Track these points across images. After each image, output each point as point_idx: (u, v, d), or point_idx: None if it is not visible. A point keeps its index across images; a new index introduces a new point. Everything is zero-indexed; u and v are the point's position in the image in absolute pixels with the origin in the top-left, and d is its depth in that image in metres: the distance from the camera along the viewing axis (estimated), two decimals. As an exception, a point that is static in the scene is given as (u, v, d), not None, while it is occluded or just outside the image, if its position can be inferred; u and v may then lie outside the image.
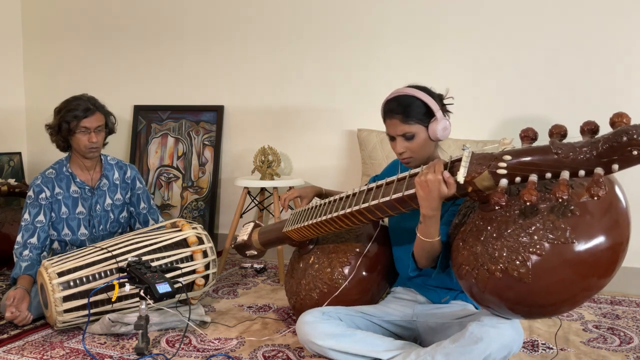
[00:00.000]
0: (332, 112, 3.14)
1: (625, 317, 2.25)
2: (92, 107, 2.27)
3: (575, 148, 1.15)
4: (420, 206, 1.47)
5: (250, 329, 2.09)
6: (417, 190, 1.45)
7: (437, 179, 1.40)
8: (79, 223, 2.35)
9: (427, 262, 1.60)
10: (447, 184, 1.40)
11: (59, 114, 2.27)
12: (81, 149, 2.27)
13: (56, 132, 2.28)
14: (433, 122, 1.67)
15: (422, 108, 1.67)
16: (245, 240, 2.18)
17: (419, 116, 1.67)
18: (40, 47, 3.84)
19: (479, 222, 1.40)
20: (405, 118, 1.67)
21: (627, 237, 1.24)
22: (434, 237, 1.53)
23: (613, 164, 1.10)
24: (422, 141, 1.69)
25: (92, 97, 2.32)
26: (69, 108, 2.24)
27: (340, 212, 1.69)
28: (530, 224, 1.27)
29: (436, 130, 1.67)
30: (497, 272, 1.30)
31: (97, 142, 2.28)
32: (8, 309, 2.02)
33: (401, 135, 1.69)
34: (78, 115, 2.22)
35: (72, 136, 2.26)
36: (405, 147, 1.69)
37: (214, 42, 3.38)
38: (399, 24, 2.96)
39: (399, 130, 1.69)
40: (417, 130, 1.68)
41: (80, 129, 2.24)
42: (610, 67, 2.63)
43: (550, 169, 1.18)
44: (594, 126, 1.16)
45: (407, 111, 1.67)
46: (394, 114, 1.69)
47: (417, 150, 1.69)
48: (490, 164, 1.28)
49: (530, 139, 1.28)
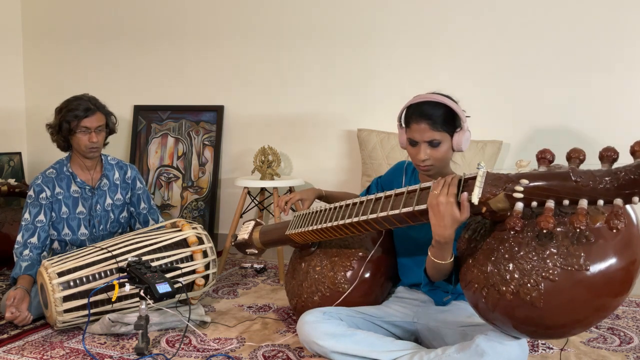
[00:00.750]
0: (332, 112, 3.14)
1: (625, 317, 2.25)
2: (93, 107, 2.27)
3: (595, 177, 1.12)
4: (433, 232, 1.42)
5: (250, 329, 2.09)
6: (430, 214, 1.40)
7: (449, 202, 1.35)
8: (79, 223, 2.35)
9: (440, 278, 1.59)
10: (462, 207, 1.35)
11: (59, 113, 2.27)
12: (81, 148, 2.27)
13: (57, 131, 2.28)
14: (459, 132, 1.65)
15: (450, 116, 1.65)
16: (246, 239, 2.18)
17: (447, 124, 1.64)
18: (40, 47, 3.84)
19: (490, 241, 1.37)
20: (435, 124, 1.63)
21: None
22: (447, 259, 1.49)
23: (634, 196, 1.08)
24: (446, 150, 1.66)
25: (93, 97, 2.32)
26: (69, 108, 2.24)
27: (347, 220, 1.67)
28: (545, 249, 1.25)
29: (461, 141, 1.65)
30: (508, 293, 1.28)
31: (98, 142, 2.28)
32: (8, 309, 2.01)
33: (427, 141, 1.65)
34: (79, 114, 2.22)
35: (73, 136, 2.26)
36: (429, 154, 1.66)
37: (214, 43, 3.38)
38: (399, 24, 2.96)
39: (426, 136, 1.64)
40: (443, 139, 1.65)
41: (80, 128, 2.24)
42: (610, 68, 2.63)
43: (568, 196, 1.15)
44: (615, 154, 1.13)
45: (436, 118, 1.63)
46: (424, 118, 1.64)
47: (440, 159, 1.67)
48: (506, 186, 1.25)
49: (548, 161, 1.24)
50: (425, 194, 1.46)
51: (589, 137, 2.66)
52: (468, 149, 2.67)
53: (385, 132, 2.83)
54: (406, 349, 1.58)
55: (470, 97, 2.79)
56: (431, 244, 1.49)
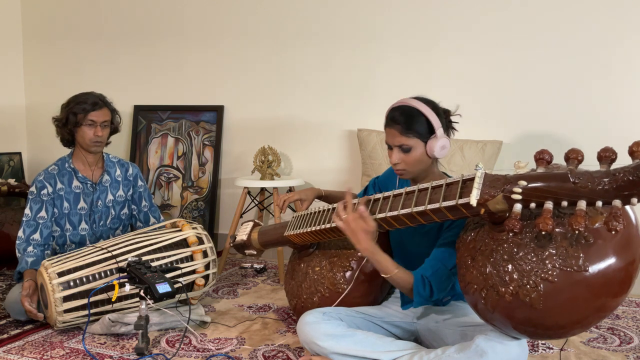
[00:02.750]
0: (332, 112, 3.14)
1: (625, 317, 2.25)
2: (101, 102, 2.31)
3: (594, 178, 1.12)
4: (358, 249, 1.60)
5: (250, 329, 2.09)
6: (346, 235, 1.59)
7: (354, 219, 1.55)
8: (80, 218, 2.36)
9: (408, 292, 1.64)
10: (364, 218, 1.54)
11: (67, 107, 2.31)
12: (86, 142, 2.29)
13: (63, 124, 2.30)
14: (432, 139, 1.64)
15: (424, 123, 1.64)
16: (244, 240, 2.17)
17: (420, 130, 1.64)
18: (40, 47, 3.84)
19: (489, 242, 1.37)
20: (405, 130, 1.64)
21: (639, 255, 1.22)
22: (391, 271, 1.60)
23: (632, 197, 1.08)
24: (419, 156, 1.66)
25: (101, 94, 2.37)
26: (77, 101, 2.29)
27: None
28: (543, 250, 1.25)
29: (434, 148, 1.64)
30: (507, 295, 1.28)
31: (102, 137, 2.31)
32: (24, 299, 2.01)
33: (398, 146, 1.66)
34: (86, 108, 2.26)
35: (79, 128, 2.29)
36: (401, 158, 1.67)
37: (214, 42, 3.39)
38: (399, 25, 2.96)
39: (396, 140, 1.66)
40: (415, 145, 1.65)
41: (87, 121, 2.27)
42: (610, 69, 2.63)
43: (566, 198, 1.15)
44: (613, 155, 1.13)
45: (408, 123, 1.64)
46: (394, 123, 1.66)
47: (412, 164, 1.67)
48: (504, 187, 1.25)
49: (546, 162, 1.24)
50: (424, 196, 1.46)
51: (587, 137, 2.66)
52: (468, 149, 2.67)
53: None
54: (406, 349, 1.58)
55: (471, 97, 2.81)
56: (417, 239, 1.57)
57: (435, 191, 1.45)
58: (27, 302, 2.02)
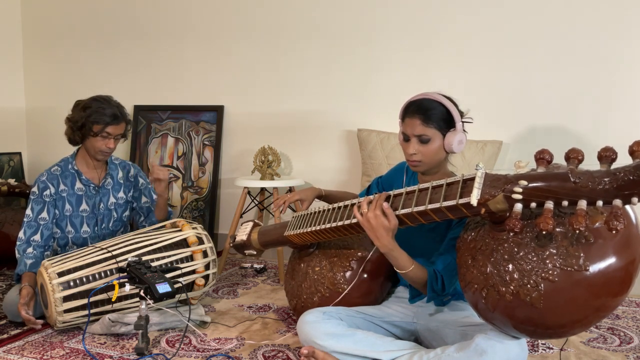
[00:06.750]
0: (332, 112, 3.15)
1: (625, 317, 2.25)
2: (120, 115, 2.25)
3: (594, 177, 1.12)
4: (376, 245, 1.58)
5: (250, 329, 2.09)
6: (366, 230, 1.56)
7: (376, 215, 1.53)
8: (82, 221, 2.35)
9: (421, 287, 1.65)
10: (387, 215, 1.52)
11: (84, 111, 2.21)
12: (95, 151, 2.27)
13: (77, 127, 2.23)
14: (451, 132, 1.67)
15: (445, 115, 1.66)
16: (244, 240, 2.17)
17: (439, 122, 1.66)
18: (40, 48, 3.85)
19: (489, 241, 1.37)
20: (426, 121, 1.65)
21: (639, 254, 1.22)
22: (407, 267, 1.59)
23: (633, 196, 1.08)
24: (436, 148, 1.68)
25: (119, 104, 2.29)
26: (97, 109, 2.20)
27: (345, 221, 1.67)
28: (544, 249, 1.25)
29: (452, 141, 1.66)
30: (508, 294, 1.29)
31: (112, 149, 2.28)
32: (22, 307, 1.99)
33: (417, 136, 1.67)
34: (106, 120, 2.20)
35: (92, 137, 2.23)
36: (418, 149, 1.68)
37: (214, 43, 3.39)
38: (399, 24, 2.96)
39: (416, 130, 1.67)
40: (434, 136, 1.67)
41: (103, 133, 2.22)
42: (610, 68, 2.63)
43: (567, 197, 1.15)
44: (614, 154, 1.13)
45: (429, 114, 1.65)
46: (415, 114, 1.67)
47: (429, 156, 1.68)
48: (505, 187, 1.25)
49: (547, 161, 1.24)
50: (426, 195, 1.46)
51: (587, 137, 2.66)
52: (468, 149, 2.67)
53: (385, 132, 2.83)
54: (406, 349, 1.58)
55: (471, 97, 2.80)
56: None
57: (435, 191, 1.45)
58: (24, 310, 1.98)
